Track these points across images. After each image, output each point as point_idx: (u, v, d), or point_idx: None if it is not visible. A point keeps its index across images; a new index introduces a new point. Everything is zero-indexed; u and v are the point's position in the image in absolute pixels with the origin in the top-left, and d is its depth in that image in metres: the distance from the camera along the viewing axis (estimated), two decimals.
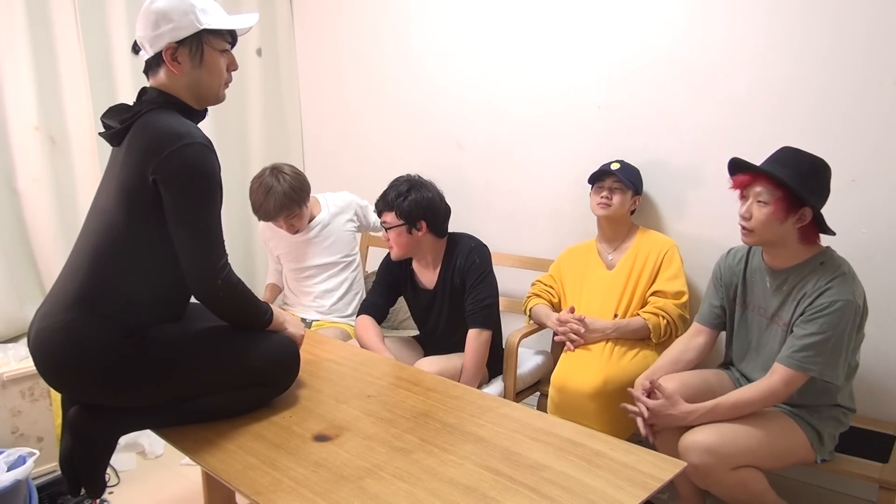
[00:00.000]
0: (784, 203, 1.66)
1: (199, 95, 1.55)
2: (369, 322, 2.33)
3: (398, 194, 2.22)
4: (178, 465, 2.52)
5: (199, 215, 1.43)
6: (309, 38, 3.44)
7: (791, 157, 1.71)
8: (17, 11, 2.49)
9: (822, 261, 1.71)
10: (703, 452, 1.66)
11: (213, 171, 1.45)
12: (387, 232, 2.24)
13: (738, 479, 1.69)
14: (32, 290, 2.66)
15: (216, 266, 1.45)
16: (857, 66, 1.95)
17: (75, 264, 1.49)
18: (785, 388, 1.68)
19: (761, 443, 1.69)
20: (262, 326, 1.60)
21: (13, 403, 2.28)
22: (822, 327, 1.64)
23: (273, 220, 2.51)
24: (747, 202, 1.73)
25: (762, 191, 1.69)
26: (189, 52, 1.49)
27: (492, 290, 2.26)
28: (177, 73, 1.50)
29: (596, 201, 2.27)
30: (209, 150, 1.45)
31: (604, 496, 1.20)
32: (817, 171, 1.69)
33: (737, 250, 1.92)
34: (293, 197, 2.46)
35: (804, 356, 1.65)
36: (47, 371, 1.46)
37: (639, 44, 2.35)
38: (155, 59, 1.51)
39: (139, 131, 1.46)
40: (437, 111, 2.97)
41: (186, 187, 1.41)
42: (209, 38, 1.51)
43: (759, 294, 1.84)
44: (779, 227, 1.69)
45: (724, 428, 1.70)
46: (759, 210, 1.69)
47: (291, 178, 2.47)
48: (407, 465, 1.33)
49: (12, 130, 2.56)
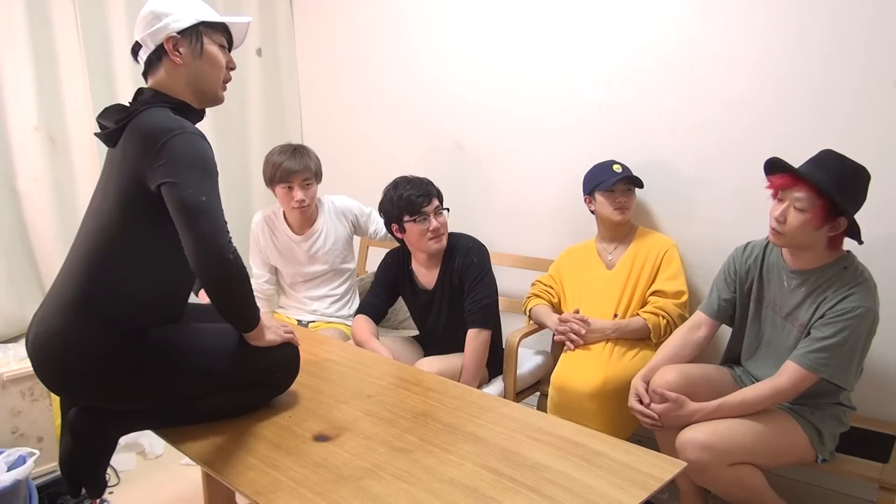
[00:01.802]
0: (823, 212, 1.62)
1: (199, 90, 1.55)
2: (363, 320, 2.34)
3: (433, 186, 2.28)
4: (178, 465, 2.52)
5: (198, 189, 1.36)
6: (309, 38, 3.44)
7: (835, 163, 1.65)
8: (17, 11, 2.49)
9: (846, 265, 1.70)
10: (699, 449, 1.66)
11: (205, 152, 1.42)
12: (440, 217, 2.25)
13: (735, 475, 1.69)
14: (32, 290, 2.66)
15: (224, 241, 1.36)
16: (857, 66, 1.95)
17: (72, 267, 1.48)
18: (793, 387, 1.68)
19: (759, 440, 1.69)
20: (253, 323, 1.50)
21: (13, 403, 2.28)
22: (839, 331, 1.64)
23: (292, 177, 2.45)
24: (783, 205, 1.67)
25: (803, 197, 1.63)
26: (189, 43, 1.51)
27: (490, 289, 2.26)
28: (178, 63, 1.50)
29: (613, 207, 2.25)
30: (200, 138, 1.43)
31: (604, 496, 1.20)
32: (860, 180, 1.65)
33: (753, 245, 1.90)
34: (316, 165, 2.53)
35: (817, 357, 1.65)
36: (46, 375, 1.46)
37: (639, 44, 2.35)
38: (156, 54, 1.51)
39: (133, 131, 1.45)
40: (437, 111, 2.97)
41: (180, 165, 1.37)
42: (207, 30, 1.54)
43: (775, 291, 1.83)
44: (812, 234, 1.66)
45: (721, 425, 1.70)
46: (794, 216, 1.64)
47: (315, 155, 2.56)
48: (407, 465, 1.33)
49: (12, 130, 2.56)
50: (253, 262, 2.70)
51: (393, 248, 2.47)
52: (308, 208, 2.53)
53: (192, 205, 1.35)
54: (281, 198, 2.53)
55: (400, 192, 2.25)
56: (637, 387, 1.87)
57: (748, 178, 2.17)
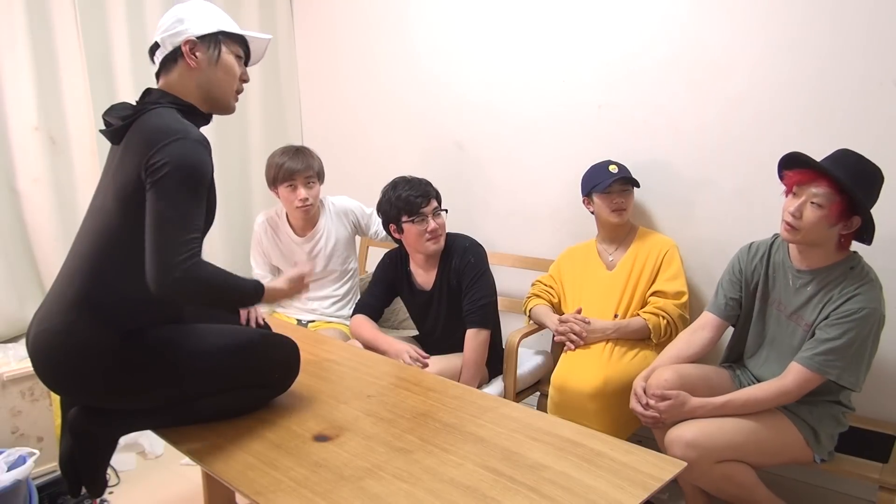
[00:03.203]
0: (840, 209, 1.62)
1: (210, 96, 1.56)
2: (363, 319, 2.34)
3: (432, 187, 2.28)
4: (178, 465, 2.52)
5: (171, 202, 1.35)
6: (309, 38, 3.44)
7: (854, 161, 1.65)
8: (17, 11, 2.49)
9: (852, 266, 1.70)
10: (685, 447, 1.67)
11: (201, 165, 1.40)
12: (439, 217, 2.25)
13: (723, 472, 1.70)
14: (32, 290, 2.66)
15: (174, 260, 1.32)
16: (857, 66, 1.95)
17: (73, 266, 1.48)
18: (798, 389, 1.68)
19: (748, 438, 1.69)
20: (247, 303, 1.55)
21: (13, 403, 2.28)
22: (845, 332, 1.64)
23: (295, 176, 2.46)
24: (799, 200, 1.66)
25: (821, 193, 1.62)
26: (207, 49, 1.53)
27: (488, 289, 2.26)
28: (193, 66, 1.52)
29: (610, 209, 2.25)
30: (203, 148, 1.42)
31: (604, 496, 1.20)
32: (876, 181, 1.66)
33: (758, 245, 1.90)
34: (319, 165, 2.55)
35: (824, 359, 1.65)
36: (46, 374, 1.46)
37: (639, 44, 2.35)
38: (172, 55, 1.53)
39: (137, 129, 1.45)
40: (438, 111, 2.97)
41: (168, 174, 1.36)
42: (226, 40, 1.57)
43: (780, 290, 1.83)
44: (826, 231, 1.66)
45: (709, 423, 1.71)
46: (811, 211, 1.64)
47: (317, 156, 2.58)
48: (407, 465, 1.33)
49: (12, 130, 2.56)
50: (255, 262, 2.71)
51: (391, 249, 2.47)
52: (312, 208, 2.53)
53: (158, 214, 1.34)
54: (284, 198, 2.53)
55: (398, 192, 2.24)
56: (636, 388, 1.87)
57: (748, 179, 2.17)
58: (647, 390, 1.82)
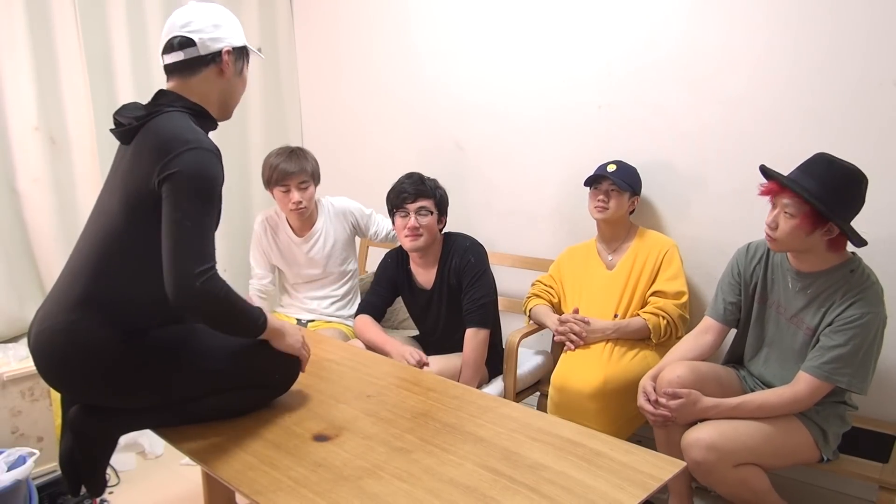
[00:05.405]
0: (811, 218, 1.63)
1: (225, 105, 1.61)
2: (368, 320, 2.34)
3: (433, 184, 2.28)
4: (178, 465, 2.52)
5: (187, 213, 1.37)
6: (309, 38, 3.44)
7: (824, 168, 1.65)
8: (17, 11, 2.49)
9: (852, 269, 1.70)
10: (705, 449, 1.66)
11: (214, 176, 1.43)
12: (422, 217, 2.23)
13: (740, 476, 1.69)
14: (32, 290, 2.66)
15: (194, 271, 1.33)
16: (857, 66, 1.95)
17: (76, 265, 1.49)
18: (809, 397, 1.69)
19: (764, 441, 1.69)
20: (252, 334, 1.51)
21: (13, 403, 2.28)
22: (850, 339, 1.64)
23: (288, 179, 2.45)
24: (775, 211, 1.69)
25: (789, 203, 1.65)
26: (236, 60, 1.60)
27: (488, 288, 2.26)
28: (226, 75, 1.56)
29: (593, 205, 2.26)
30: (216, 158, 1.44)
31: (604, 496, 1.20)
32: (849, 184, 1.65)
33: (756, 246, 1.90)
34: (313, 167, 2.53)
35: (833, 368, 1.65)
36: (48, 372, 1.46)
37: (639, 43, 2.35)
38: (203, 59, 1.53)
39: (149, 132, 1.46)
40: (437, 111, 2.97)
41: (183, 185, 1.38)
42: (247, 55, 1.65)
43: (779, 292, 1.83)
44: (805, 239, 1.67)
45: (727, 425, 1.70)
46: (785, 221, 1.66)
47: (313, 157, 2.57)
48: (407, 465, 1.33)
49: (12, 130, 2.56)
50: (255, 261, 2.70)
51: (392, 248, 2.47)
52: (305, 210, 2.53)
53: (177, 224, 1.36)
54: (279, 200, 2.54)
55: (398, 183, 2.29)
56: (645, 385, 1.86)
57: (748, 179, 2.16)
58: (658, 387, 1.81)
